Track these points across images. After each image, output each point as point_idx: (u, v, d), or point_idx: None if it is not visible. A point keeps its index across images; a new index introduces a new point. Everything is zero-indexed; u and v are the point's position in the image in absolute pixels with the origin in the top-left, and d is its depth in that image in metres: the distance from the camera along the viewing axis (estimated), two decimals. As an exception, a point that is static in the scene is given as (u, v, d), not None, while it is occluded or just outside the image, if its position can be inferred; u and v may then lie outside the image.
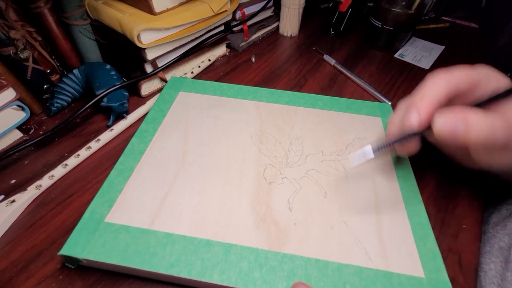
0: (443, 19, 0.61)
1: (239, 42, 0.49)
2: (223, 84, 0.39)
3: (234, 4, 0.45)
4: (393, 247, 0.24)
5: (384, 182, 0.29)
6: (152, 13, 0.37)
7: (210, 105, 0.36)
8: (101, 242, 0.23)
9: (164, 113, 0.35)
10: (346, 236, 0.25)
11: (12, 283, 0.23)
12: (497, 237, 0.28)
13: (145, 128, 0.33)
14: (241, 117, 0.35)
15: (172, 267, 0.22)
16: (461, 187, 0.31)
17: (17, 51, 0.32)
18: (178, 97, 0.37)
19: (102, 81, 0.35)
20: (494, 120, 0.20)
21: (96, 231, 0.24)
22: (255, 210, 0.26)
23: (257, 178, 0.29)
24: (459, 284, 0.24)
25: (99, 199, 0.26)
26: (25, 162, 0.32)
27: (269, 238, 0.24)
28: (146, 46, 0.36)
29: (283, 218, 0.26)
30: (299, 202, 0.27)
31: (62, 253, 0.23)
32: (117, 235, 0.24)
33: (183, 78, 0.40)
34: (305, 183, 0.29)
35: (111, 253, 0.23)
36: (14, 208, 0.27)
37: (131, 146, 0.31)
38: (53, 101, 0.36)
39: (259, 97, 0.38)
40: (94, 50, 0.40)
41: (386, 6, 0.46)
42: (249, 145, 0.32)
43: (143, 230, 0.24)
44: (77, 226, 0.24)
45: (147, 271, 0.22)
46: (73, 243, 0.23)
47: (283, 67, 0.47)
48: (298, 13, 0.51)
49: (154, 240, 0.24)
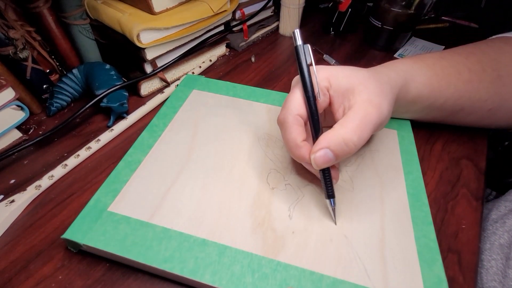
0: (443, 19, 0.61)
1: (239, 42, 0.49)
2: (236, 85, 0.39)
3: (233, 4, 0.45)
4: (395, 268, 0.23)
5: (393, 198, 0.28)
6: (152, 13, 0.37)
7: (221, 105, 0.36)
8: (102, 230, 0.24)
9: (176, 110, 0.35)
10: (345, 250, 0.24)
11: (12, 283, 0.23)
12: (497, 234, 0.28)
13: (156, 123, 0.34)
14: (251, 119, 0.35)
15: (166, 262, 0.22)
16: (460, 186, 0.31)
17: (17, 51, 0.32)
18: (191, 95, 0.37)
19: (101, 81, 0.35)
20: (343, 133, 0.23)
21: (99, 219, 0.25)
22: (254, 214, 0.26)
23: (260, 181, 0.29)
24: (458, 283, 0.24)
25: (105, 188, 0.27)
26: (25, 162, 0.32)
27: (265, 244, 0.24)
28: (145, 46, 0.36)
29: (282, 225, 0.25)
30: (300, 210, 0.27)
31: (65, 237, 0.23)
32: (117, 225, 0.25)
33: (198, 77, 0.40)
34: (309, 192, 0.28)
35: (110, 242, 0.23)
36: (14, 208, 0.27)
37: (140, 140, 0.32)
38: (52, 101, 0.36)
39: (272, 100, 0.37)
40: (93, 50, 0.40)
41: (385, 6, 0.46)
42: (255, 148, 0.32)
43: (142, 222, 0.25)
44: (81, 212, 0.25)
45: (141, 263, 0.22)
46: (76, 229, 0.24)
47: (282, 67, 0.47)
48: (298, 13, 0.51)
49: (152, 233, 0.24)
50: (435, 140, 0.35)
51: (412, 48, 0.52)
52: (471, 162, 0.33)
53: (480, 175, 0.32)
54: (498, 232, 0.28)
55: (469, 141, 0.35)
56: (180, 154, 0.30)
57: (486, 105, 0.32)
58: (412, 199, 0.28)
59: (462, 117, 0.33)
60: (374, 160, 0.31)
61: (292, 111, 0.25)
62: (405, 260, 0.23)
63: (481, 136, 0.36)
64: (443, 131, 0.36)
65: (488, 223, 0.30)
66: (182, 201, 0.27)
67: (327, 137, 0.23)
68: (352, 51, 0.51)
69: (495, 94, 0.31)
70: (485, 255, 0.27)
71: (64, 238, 0.24)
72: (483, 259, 0.27)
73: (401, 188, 0.28)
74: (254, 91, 0.38)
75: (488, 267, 0.26)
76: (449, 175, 0.32)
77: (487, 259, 0.27)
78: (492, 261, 0.26)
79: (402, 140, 0.33)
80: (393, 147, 0.32)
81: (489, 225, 0.30)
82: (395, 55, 0.50)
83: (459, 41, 0.38)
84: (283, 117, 0.25)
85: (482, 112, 0.32)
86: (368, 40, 0.52)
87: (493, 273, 0.26)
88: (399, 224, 0.26)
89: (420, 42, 0.53)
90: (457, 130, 0.36)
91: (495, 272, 0.26)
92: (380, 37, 0.50)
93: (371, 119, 0.23)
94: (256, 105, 0.36)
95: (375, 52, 0.51)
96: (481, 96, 0.31)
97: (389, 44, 0.50)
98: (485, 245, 0.28)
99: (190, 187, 0.28)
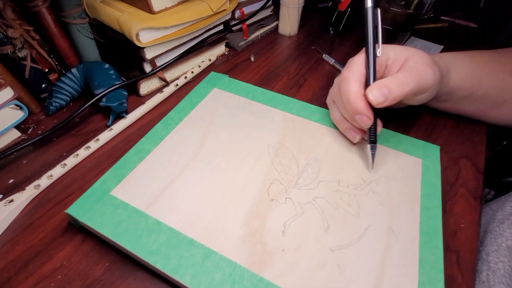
0: (442, 19, 0.61)
1: (238, 41, 0.49)
2: (258, 89, 0.39)
3: (233, 3, 0.45)
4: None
5: (402, 234, 0.25)
6: (151, 12, 0.37)
7: (239, 107, 0.36)
8: (101, 212, 0.25)
9: (194, 105, 0.36)
10: (336, 280, 0.22)
11: (11, 283, 0.23)
12: (504, 236, 0.27)
13: (172, 116, 0.34)
14: (265, 124, 0.34)
15: (151, 255, 0.23)
16: (459, 186, 0.31)
17: (15, 50, 0.32)
18: (211, 93, 0.38)
19: (100, 80, 0.35)
20: (402, 76, 0.27)
21: (100, 201, 0.26)
22: (248, 223, 0.25)
23: (261, 190, 0.28)
24: (457, 282, 0.24)
25: (113, 172, 0.28)
26: (24, 162, 0.32)
27: (252, 257, 0.23)
28: (145, 45, 0.36)
29: (273, 240, 0.24)
30: (295, 228, 0.25)
31: (68, 212, 0.25)
32: (115, 210, 0.25)
33: (221, 75, 0.41)
34: (309, 209, 0.26)
35: (105, 225, 0.24)
36: (13, 208, 0.27)
37: (154, 130, 0.32)
38: (51, 101, 0.36)
39: (290, 108, 0.36)
40: (92, 49, 0.40)
41: (385, 5, 0.46)
42: (263, 155, 0.31)
43: (138, 211, 0.25)
44: (87, 190, 0.26)
45: (129, 251, 0.23)
46: (79, 206, 0.25)
47: (282, 66, 0.47)
48: (297, 12, 0.51)
49: (144, 224, 0.25)
50: (434, 139, 0.35)
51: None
52: (470, 161, 0.33)
53: (479, 175, 0.32)
54: (506, 234, 0.27)
55: (467, 141, 0.35)
56: (188, 150, 0.31)
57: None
58: (424, 239, 0.24)
59: (508, 111, 0.33)
60: (389, 188, 0.28)
61: (355, 69, 0.28)
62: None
63: (479, 135, 0.36)
64: (442, 130, 0.36)
65: (494, 224, 0.29)
66: (180, 197, 0.27)
67: (383, 79, 0.27)
68: (351, 50, 0.51)
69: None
70: (492, 257, 0.27)
71: (67, 213, 0.25)
72: (490, 261, 0.26)
73: (414, 224, 0.25)
74: (274, 96, 0.37)
75: (495, 269, 0.26)
76: (447, 175, 0.32)
77: (494, 261, 0.26)
78: (499, 263, 0.26)
79: (426, 170, 0.30)
80: (414, 177, 0.29)
81: (496, 226, 0.29)
82: (394, 55, 0.50)
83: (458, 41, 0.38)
84: (347, 74, 0.28)
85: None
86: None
87: (501, 275, 0.25)
88: (403, 264, 0.23)
89: (419, 42, 0.53)
90: (456, 130, 0.36)
91: (503, 274, 0.25)
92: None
93: (422, 72, 0.27)
94: (273, 112, 0.36)
95: (374, 52, 0.51)
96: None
97: (388, 43, 0.50)
98: (491, 247, 0.27)
99: (192, 184, 0.28)
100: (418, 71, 0.27)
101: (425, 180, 0.29)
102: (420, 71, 0.27)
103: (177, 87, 0.41)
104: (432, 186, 0.28)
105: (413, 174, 0.29)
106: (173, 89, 0.40)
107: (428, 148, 0.32)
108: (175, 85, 0.40)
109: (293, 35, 0.55)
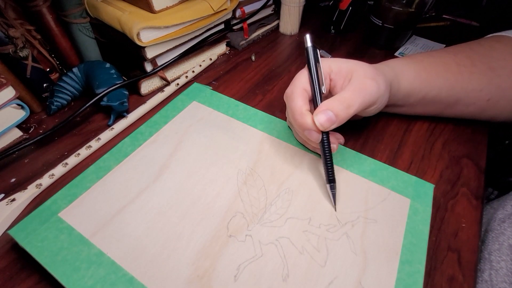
0: (443, 18, 0.61)
1: (239, 40, 0.49)
2: (240, 104, 0.36)
3: (234, 3, 0.45)
4: None
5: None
6: (152, 11, 0.37)
7: (215, 124, 0.33)
8: (43, 236, 0.23)
9: (167, 120, 0.33)
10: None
11: (13, 281, 0.23)
12: (506, 235, 0.27)
13: (142, 131, 0.32)
14: (239, 146, 0.31)
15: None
16: (461, 185, 0.31)
17: (16, 50, 0.32)
18: (189, 107, 0.35)
19: (101, 80, 0.35)
20: (346, 96, 0.26)
21: (46, 223, 0.24)
22: (197, 263, 0.22)
23: (220, 224, 0.25)
24: (458, 282, 0.24)
25: (65, 191, 0.26)
26: (25, 161, 0.32)
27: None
28: (145, 44, 0.36)
29: (222, 287, 0.21)
30: (250, 273, 0.22)
31: (10, 233, 0.23)
32: (59, 234, 0.23)
33: (204, 87, 0.38)
34: (269, 252, 0.23)
35: (44, 251, 0.22)
36: (14, 207, 0.27)
37: (120, 145, 0.30)
38: (52, 100, 0.36)
39: (270, 129, 0.33)
40: (93, 49, 0.40)
41: (386, 4, 0.46)
42: (231, 182, 0.28)
43: (82, 239, 0.23)
44: (35, 210, 0.24)
45: (62, 284, 0.21)
46: (23, 226, 0.23)
47: (283, 65, 0.46)
48: (298, 11, 0.51)
49: (86, 254, 0.22)
50: (436, 139, 0.35)
51: (412, 46, 0.52)
52: (471, 161, 0.33)
53: (480, 174, 0.32)
54: (507, 233, 0.27)
55: (469, 140, 0.35)
56: (150, 171, 0.28)
57: (482, 95, 0.32)
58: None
59: (462, 109, 0.34)
60: (366, 234, 0.24)
61: (299, 85, 0.28)
62: None
63: (481, 135, 0.36)
64: (443, 130, 0.36)
65: (496, 223, 0.29)
66: (130, 226, 0.24)
67: (328, 101, 0.26)
68: (352, 49, 0.51)
69: (489, 84, 0.32)
70: (494, 256, 0.27)
71: (9, 234, 0.23)
72: (492, 260, 0.26)
73: (389, 280, 0.22)
74: (255, 114, 0.35)
75: (497, 268, 0.26)
76: (449, 174, 0.32)
77: (496, 260, 0.26)
78: (501, 262, 0.26)
79: (413, 214, 0.26)
80: (398, 221, 0.25)
81: (497, 225, 0.29)
82: (395, 54, 0.50)
83: (460, 39, 0.38)
84: (291, 90, 0.28)
85: (481, 103, 0.33)
86: (368, 39, 0.52)
87: (503, 274, 0.25)
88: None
89: (420, 41, 0.53)
90: (457, 129, 0.36)
91: (505, 273, 0.25)
92: (381, 36, 0.50)
93: (366, 87, 0.26)
94: (251, 132, 0.32)
95: (375, 51, 0.51)
96: (474, 87, 0.32)
97: (389, 42, 0.50)
98: (493, 246, 0.27)
99: (145, 211, 0.25)
100: (361, 86, 0.26)
101: (411, 226, 0.25)
102: (364, 86, 0.26)
103: (178, 87, 0.41)
104: (418, 234, 0.24)
105: (398, 218, 0.25)
106: (174, 88, 0.40)
107: (420, 186, 0.27)
108: (176, 84, 0.40)
109: (294, 34, 0.54)
